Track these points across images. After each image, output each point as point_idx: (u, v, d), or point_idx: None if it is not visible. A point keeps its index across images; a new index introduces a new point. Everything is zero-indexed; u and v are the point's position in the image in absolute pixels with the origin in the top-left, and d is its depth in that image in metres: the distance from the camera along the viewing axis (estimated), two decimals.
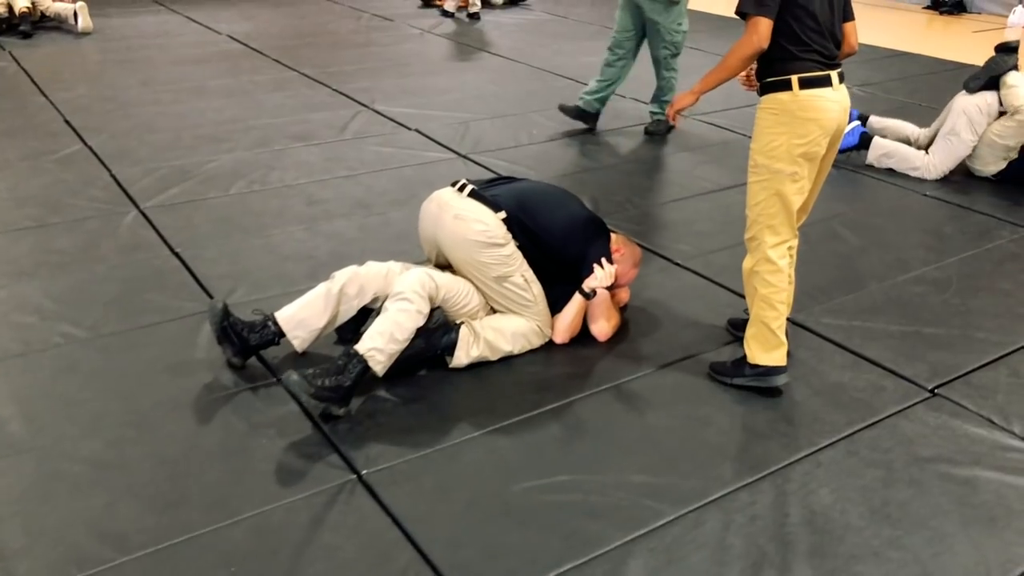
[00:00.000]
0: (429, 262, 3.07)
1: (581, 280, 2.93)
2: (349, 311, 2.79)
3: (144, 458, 2.34)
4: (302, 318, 2.73)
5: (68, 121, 5.15)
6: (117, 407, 2.55)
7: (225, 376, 2.71)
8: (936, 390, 2.75)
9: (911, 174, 4.61)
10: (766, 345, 2.68)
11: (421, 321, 2.65)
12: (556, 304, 2.98)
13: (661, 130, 5.23)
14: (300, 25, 8.30)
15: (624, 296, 3.22)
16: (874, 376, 2.83)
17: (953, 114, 4.53)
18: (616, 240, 3.10)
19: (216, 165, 4.53)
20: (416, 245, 3.11)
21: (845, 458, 2.43)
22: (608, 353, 2.94)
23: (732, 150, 4.97)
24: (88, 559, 2.01)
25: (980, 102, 4.42)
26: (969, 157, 4.54)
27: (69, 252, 3.52)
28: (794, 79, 2.47)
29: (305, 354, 2.80)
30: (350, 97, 5.87)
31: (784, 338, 2.70)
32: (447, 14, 8.84)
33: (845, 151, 4.79)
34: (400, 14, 8.90)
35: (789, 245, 2.70)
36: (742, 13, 2.47)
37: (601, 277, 2.89)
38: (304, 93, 5.95)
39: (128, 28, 7.87)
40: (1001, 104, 4.39)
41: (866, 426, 2.57)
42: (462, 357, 2.77)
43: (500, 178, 3.16)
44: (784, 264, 2.65)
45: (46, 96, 5.65)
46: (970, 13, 9.81)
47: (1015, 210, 4.21)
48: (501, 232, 2.82)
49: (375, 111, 5.57)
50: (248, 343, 2.70)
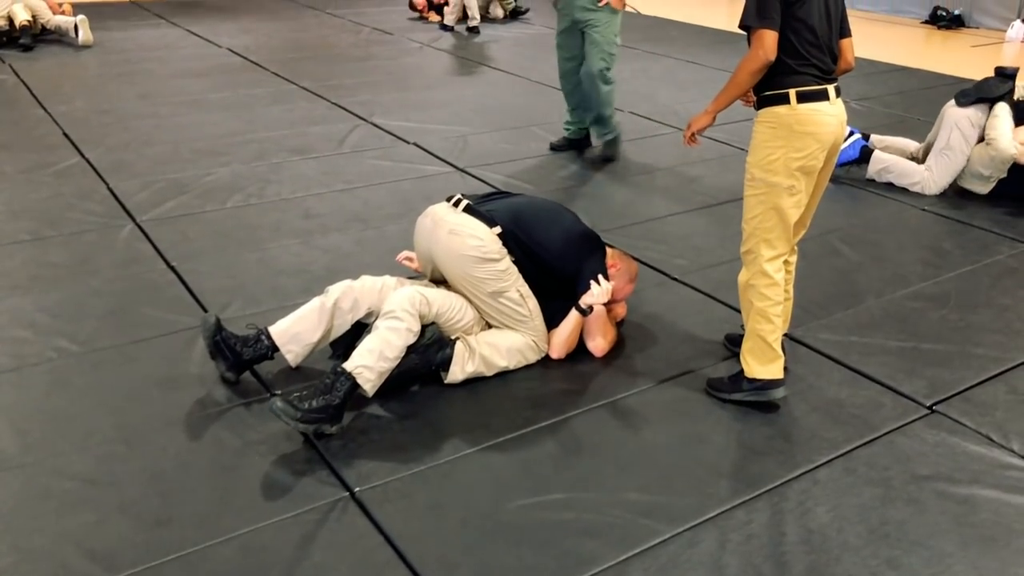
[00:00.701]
0: (425, 276, 3.06)
1: (577, 295, 2.91)
2: (343, 325, 2.77)
3: (135, 475, 2.32)
4: (296, 332, 2.72)
5: (66, 134, 5.15)
6: (109, 423, 2.53)
7: (218, 391, 2.69)
8: (934, 407, 2.73)
9: (911, 188, 4.61)
10: (763, 358, 2.67)
11: (411, 339, 2.63)
12: (552, 319, 2.97)
13: (615, 153, 5.02)
14: (300, 38, 8.32)
15: (620, 311, 3.20)
16: (872, 392, 2.81)
17: (946, 128, 4.54)
18: (612, 255, 3.09)
19: (213, 178, 4.52)
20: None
21: (843, 476, 2.41)
22: (604, 369, 2.92)
23: (729, 164, 4.96)
24: None
25: (971, 114, 4.44)
26: (959, 176, 4.54)
27: (65, 265, 3.51)
28: (792, 93, 2.48)
29: (299, 368, 2.79)
30: (349, 110, 5.87)
31: (781, 351, 2.69)
32: (446, 28, 8.86)
33: (845, 165, 4.79)
34: (400, 28, 8.92)
35: (785, 259, 2.69)
36: (746, 26, 2.47)
37: (598, 293, 2.87)
38: (303, 106, 5.96)
39: (128, 41, 7.89)
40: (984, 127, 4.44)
41: (864, 443, 2.55)
42: (457, 373, 2.75)
43: (496, 193, 3.15)
44: (780, 278, 2.64)
45: (45, 109, 5.66)
46: (968, 28, 9.84)
47: (1014, 225, 4.20)
48: (496, 247, 2.81)
49: (374, 124, 5.57)
50: (241, 357, 2.68)
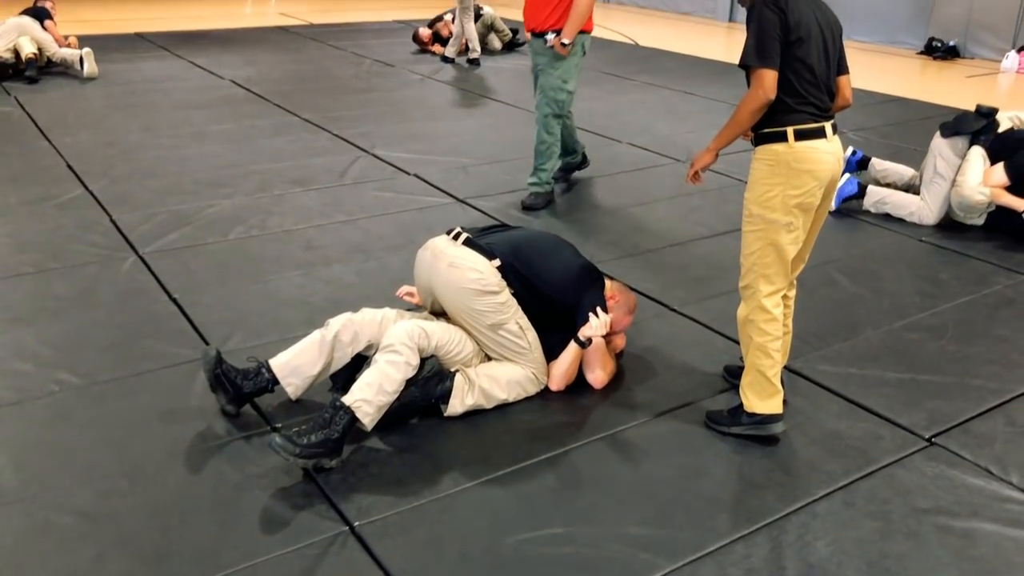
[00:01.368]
0: (424, 309, 3.08)
1: (576, 327, 2.93)
2: (343, 358, 2.78)
3: (135, 509, 2.32)
4: (296, 365, 2.73)
5: (70, 166, 5.20)
6: (109, 457, 2.54)
7: (219, 424, 2.70)
8: (933, 439, 2.74)
9: (907, 219, 4.64)
10: (762, 393, 2.68)
11: (410, 372, 2.64)
12: (552, 351, 2.98)
13: (539, 204, 4.74)
14: (302, 70, 8.41)
15: (620, 343, 3.22)
16: (871, 424, 2.81)
17: (930, 157, 4.64)
18: (611, 287, 3.11)
19: (216, 210, 4.56)
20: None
21: (842, 509, 2.41)
22: (604, 401, 2.93)
23: (727, 195, 5.00)
24: None
25: (951, 143, 4.55)
26: (951, 210, 4.57)
27: (67, 298, 3.53)
28: (790, 131, 2.50)
29: (299, 401, 2.80)
30: (350, 142, 5.93)
31: (780, 385, 2.70)
32: (447, 60, 8.96)
33: (847, 200, 4.80)
34: (401, 60, 9.02)
35: (784, 294, 2.71)
36: (746, 65, 2.48)
37: (596, 326, 2.89)
38: (305, 138, 6.02)
39: (133, 73, 7.98)
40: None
41: (863, 476, 2.55)
42: (457, 406, 2.76)
43: (495, 226, 3.18)
44: (778, 313, 2.66)
45: (49, 141, 5.71)
46: (963, 58, 9.94)
47: (1011, 256, 4.22)
48: (496, 280, 2.83)
49: (375, 156, 5.63)
50: (242, 390, 2.69)
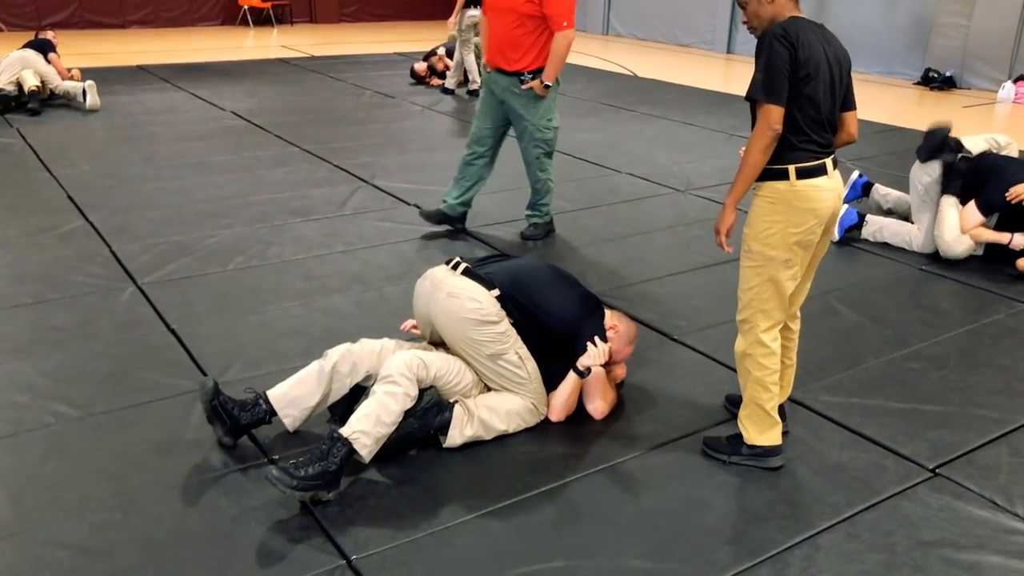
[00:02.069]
0: (424, 339, 3.06)
1: (576, 357, 2.91)
2: (341, 389, 2.77)
3: (129, 543, 2.29)
4: (294, 396, 2.71)
5: (71, 197, 5.22)
6: (105, 489, 2.51)
7: (216, 456, 2.67)
8: (937, 470, 2.71)
9: (907, 248, 4.65)
10: (761, 426, 2.66)
11: (409, 403, 2.62)
12: (551, 381, 2.96)
13: (539, 234, 4.74)
14: (302, 101, 8.47)
15: (620, 373, 3.20)
16: (874, 455, 2.79)
17: (912, 185, 4.67)
18: (611, 316, 3.10)
19: (215, 241, 4.56)
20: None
21: (846, 541, 2.38)
22: (604, 432, 2.90)
23: None
24: None
25: (929, 171, 4.57)
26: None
27: (65, 329, 3.52)
28: (791, 168, 2.47)
29: (297, 433, 2.77)
30: (350, 173, 5.95)
31: (779, 418, 2.68)
32: (447, 91, 9.03)
33: (849, 230, 4.79)
34: (401, 91, 9.09)
35: (787, 326, 2.71)
36: (753, 99, 2.45)
37: (594, 355, 2.88)
38: (305, 169, 6.04)
39: (134, 105, 8.04)
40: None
41: (867, 507, 2.52)
42: (456, 437, 2.74)
43: (494, 256, 3.18)
44: (776, 347, 2.63)
45: (50, 172, 5.74)
46: (960, 88, 10.02)
47: (1012, 285, 4.22)
48: (495, 310, 2.82)
49: (375, 186, 5.64)
50: (239, 422, 2.67)
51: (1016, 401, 3.12)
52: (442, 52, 9.52)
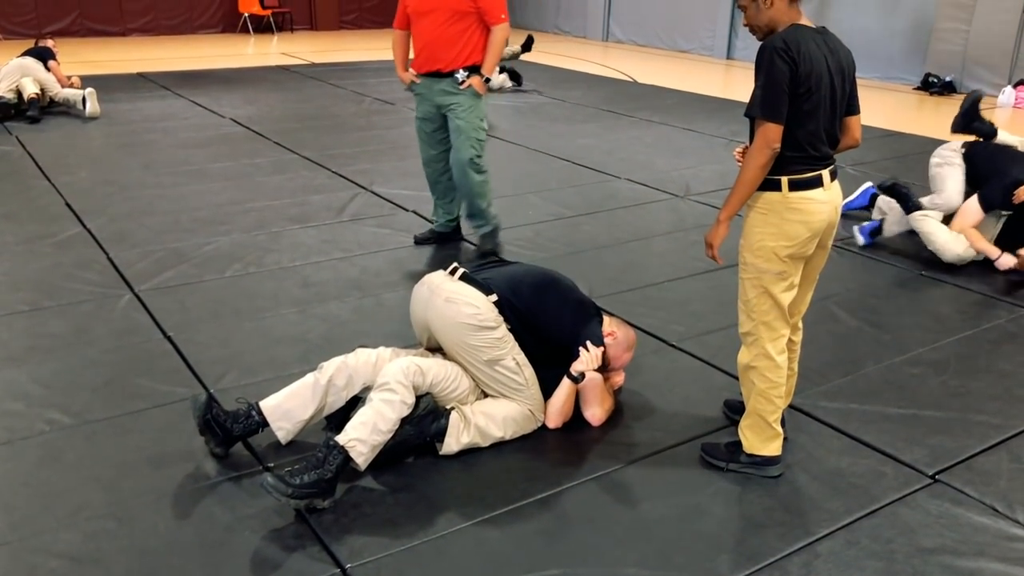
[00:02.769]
0: (421, 345, 3.05)
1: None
2: (337, 402, 2.75)
3: (122, 552, 2.27)
4: (287, 409, 2.69)
5: (69, 204, 5.21)
6: (98, 498, 2.50)
7: (210, 464, 2.66)
8: (937, 476, 2.69)
9: (935, 252, 4.45)
10: (762, 436, 2.64)
11: (405, 411, 2.61)
12: (549, 388, 2.95)
13: (495, 241, 4.59)
14: (302, 109, 8.48)
15: (618, 379, 3.18)
16: (873, 461, 2.77)
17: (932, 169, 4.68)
18: (609, 323, 3.09)
19: (213, 248, 4.55)
20: (409, 327, 3.09)
21: (845, 548, 2.36)
22: (601, 439, 2.89)
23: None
24: None
25: (942, 148, 4.68)
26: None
27: (61, 336, 3.51)
28: (784, 180, 2.43)
29: (293, 442, 2.75)
30: (349, 179, 5.95)
31: (780, 429, 2.67)
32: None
33: (874, 233, 4.72)
34: (401, 98, 9.09)
35: (789, 339, 2.66)
36: (752, 116, 2.40)
37: (587, 360, 2.86)
38: (303, 175, 6.04)
39: (134, 112, 8.04)
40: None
41: (866, 514, 2.50)
42: (452, 444, 2.72)
43: (492, 261, 3.17)
44: (782, 360, 2.59)
45: (49, 180, 5.73)
46: (960, 93, 10.00)
47: (1012, 289, 4.20)
48: (492, 315, 2.81)
49: (373, 193, 5.64)
50: (231, 433, 2.65)
51: (1016, 407, 3.10)
52: None
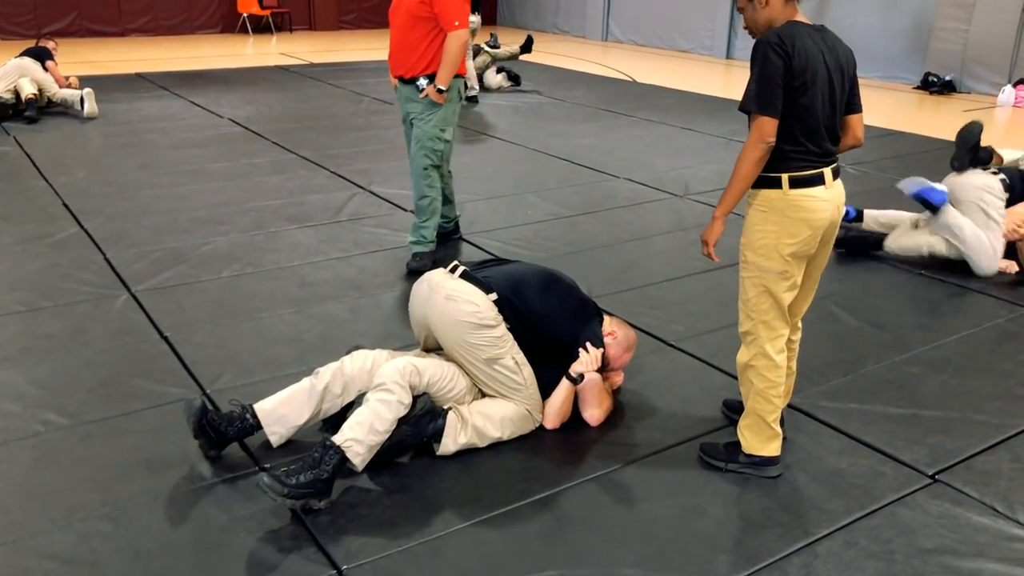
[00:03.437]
0: (418, 346, 3.04)
1: (573, 364, 2.88)
2: (332, 408, 2.73)
3: (116, 553, 2.26)
4: (282, 414, 2.67)
5: (66, 204, 5.20)
6: (93, 499, 2.48)
7: (205, 465, 2.64)
8: (937, 476, 2.67)
9: (968, 259, 4.32)
10: (761, 436, 2.63)
11: (402, 411, 2.59)
12: (548, 388, 2.93)
13: (425, 264, 4.18)
14: (301, 109, 8.46)
15: (618, 379, 3.17)
16: (873, 461, 2.75)
17: (969, 203, 4.33)
18: (609, 323, 3.07)
19: (211, 248, 4.54)
20: (407, 327, 3.07)
21: (844, 549, 2.34)
22: (600, 439, 2.87)
23: (727, 229, 4.95)
24: None
25: (989, 187, 4.30)
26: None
27: (57, 337, 3.49)
28: (784, 177, 2.41)
29: (290, 441, 2.74)
30: (347, 179, 5.93)
31: (779, 429, 2.65)
32: (471, 99, 8.99)
33: (924, 200, 4.36)
34: None
35: (788, 339, 2.64)
36: (747, 111, 2.39)
37: (586, 361, 2.85)
38: (302, 175, 6.02)
39: (132, 113, 8.03)
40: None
41: (865, 514, 2.49)
42: (449, 444, 2.71)
43: (492, 260, 3.15)
44: (782, 359, 2.58)
45: (47, 180, 5.72)
46: (960, 93, 9.99)
47: (1012, 289, 4.18)
48: (492, 313, 2.79)
49: (372, 193, 5.62)
50: (225, 436, 2.63)
51: (1017, 406, 3.09)
52: None
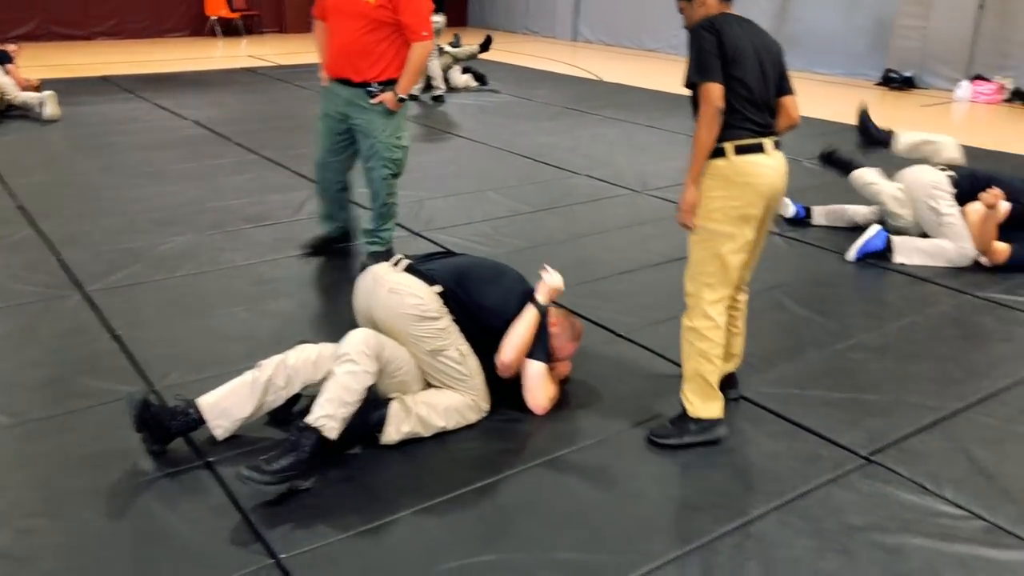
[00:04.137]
0: None
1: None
2: (276, 401, 2.75)
3: (53, 548, 2.27)
4: (225, 407, 2.69)
5: (22, 207, 5.16)
6: (33, 496, 2.48)
7: (147, 461, 2.65)
8: (871, 457, 2.74)
9: (947, 265, 4.38)
10: (704, 397, 2.74)
11: (370, 381, 2.62)
12: (496, 378, 2.97)
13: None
14: (266, 110, 8.45)
15: (564, 369, 3.21)
16: (810, 445, 2.81)
17: (920, 202, 4.49)
18: (554, 314, 3.11)
19: (168, 247, 4.53)
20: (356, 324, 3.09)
21: (776, 529, 2.40)
22: (544, 427, 2.91)
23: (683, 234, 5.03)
24: None
25: (929, 180, 4.48)
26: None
27: (5, 336, 3.48)
28: (728, 146, 2.61)
29: (236, 436, 2.75)
30: (309, 178, 5.91)
31: (719, 391, 2.77)
32: (413, 98, 9.04)
33: (870, 255, 4.45)
34: None
35: (735, 298, 2.82)
36: (692, 84, 2.61)
37: (546, 289, 2.98)
38: (264, 175, 6.02)
39: (95, 115, 7.97)
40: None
41: (799, 495, 2.54)
42: (392, 433, 2.73)
43: (439, 253, 3.19)
44: (722, 321, 2.74)
45: (4, 182, 5.67)
46: (919, 88, 10.15)
47: (956, 276, 4.27)
48: (435, 306, 2.83)
49: None
50: (169, 430, 2.64)
51: (951, 388, 3.16)
52: None
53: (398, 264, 2.93)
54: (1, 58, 7.70)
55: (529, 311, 2.93)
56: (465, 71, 9.89)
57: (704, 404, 2.75)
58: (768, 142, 2.66)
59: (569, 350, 3.17)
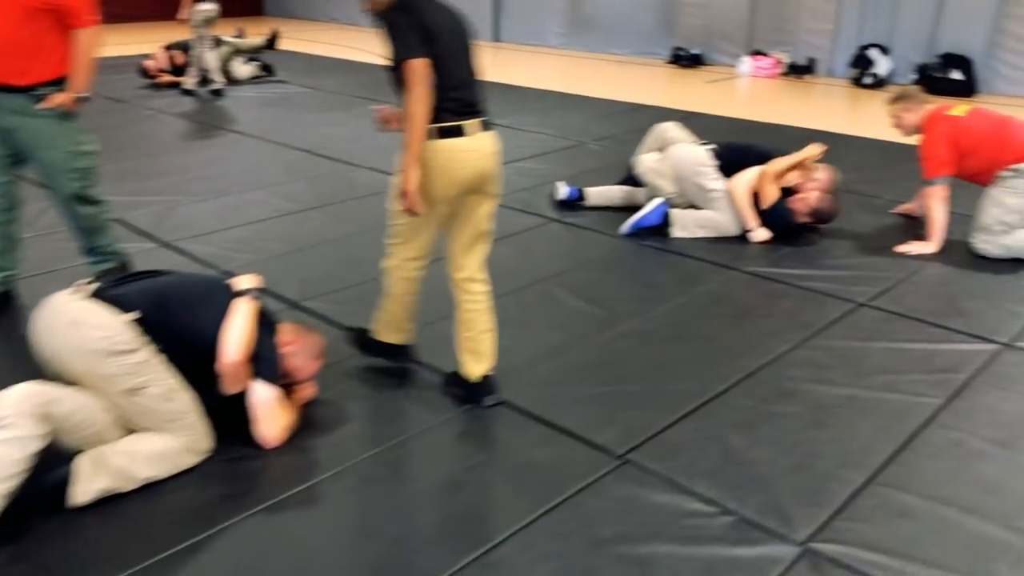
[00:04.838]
0: (57, 381, 2.59)
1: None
2: None
3: None
4: None
5: None
6: None
7: None
8: (626, 456, 2.58)
9: (720, 236, 4.41)
10: (390, 328, 3.01)
11: (38, 445, 2.20)
12: (217, 411, 2.59)
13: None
14: None
15: (307, 392, 2.87)
16: (566, 448, 2.63)
17: (684, 178, 4.51)
18: (288, 331, 2.78)
19: None
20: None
21: (519, 553, 2.18)
22: (276, 463, 2.56)
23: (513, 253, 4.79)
24: None
25: (692, 158, 4.51)
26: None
27: None
28: (434, 129, 2.59)
29: None
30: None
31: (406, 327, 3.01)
32: (188, 92, 8.32)
33: (645, 228, 4.41)
34: (136, 95, 8.28)
35: (470, 290, 2.86)
36: (397, 64, 2.56)
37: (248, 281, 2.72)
38: None
39: None
40: None
41: (548, 509, 2.34)
42: (80, 494, 2.30)
43: (138, 273, 2.76)
44: (413, 276, 2.91)
45: None
46: (707, 65, 10.49)
47: (720, 251, 4.26)
48: (127, 337, 2.41)
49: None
50: None
51: (712, 371, 3.09)
52: (172, 53, 8.79)
53: (82, 290, 2.48)
54: None
55: (237, 304, 2.58)
56: (250, 60, 9.25)
57: (388, 333, 3.01)
58: (468, 124, 2.62)
59: (311, 369, 2.84)
